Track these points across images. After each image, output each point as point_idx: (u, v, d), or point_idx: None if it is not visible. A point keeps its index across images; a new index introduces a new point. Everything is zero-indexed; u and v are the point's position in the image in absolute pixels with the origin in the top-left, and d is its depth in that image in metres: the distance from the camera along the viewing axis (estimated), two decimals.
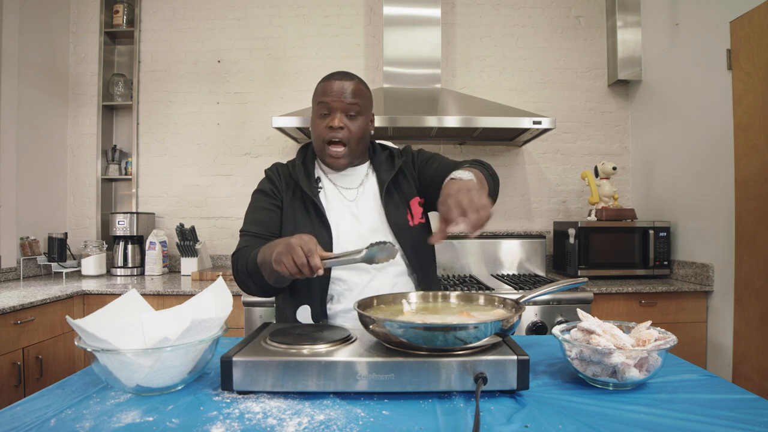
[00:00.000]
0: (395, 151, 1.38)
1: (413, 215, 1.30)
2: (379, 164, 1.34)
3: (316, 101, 1.27)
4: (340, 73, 1.27)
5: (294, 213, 1.29)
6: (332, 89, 1.23)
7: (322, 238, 1.22)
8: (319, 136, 1.25)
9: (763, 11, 1.96)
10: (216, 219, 3.03)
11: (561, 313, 2.16)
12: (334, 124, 1.22)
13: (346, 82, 1.23)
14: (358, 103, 1.23)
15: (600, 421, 0.71)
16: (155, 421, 0.71)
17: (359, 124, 1.25)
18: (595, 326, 0.86)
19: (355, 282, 1.22)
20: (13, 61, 2.56)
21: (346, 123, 1.23)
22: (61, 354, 2.15)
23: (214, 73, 3.04)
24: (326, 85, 1.24)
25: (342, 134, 1.23)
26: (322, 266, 0.98)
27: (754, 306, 2.02)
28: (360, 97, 1.24)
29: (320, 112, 1.25)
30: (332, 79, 1.25)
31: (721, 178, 2.23)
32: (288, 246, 0.99)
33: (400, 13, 2.71)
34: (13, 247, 2.60)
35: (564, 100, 3.05)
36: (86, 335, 0.77)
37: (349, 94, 1.22)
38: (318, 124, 1.26)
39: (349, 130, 1.23)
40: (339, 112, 1.22)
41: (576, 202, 3.05)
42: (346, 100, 1.22)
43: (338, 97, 1.22)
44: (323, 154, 1.27)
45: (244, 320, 2.15)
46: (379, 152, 1.38)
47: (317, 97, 1.26)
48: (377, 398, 0.79)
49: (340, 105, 1.22)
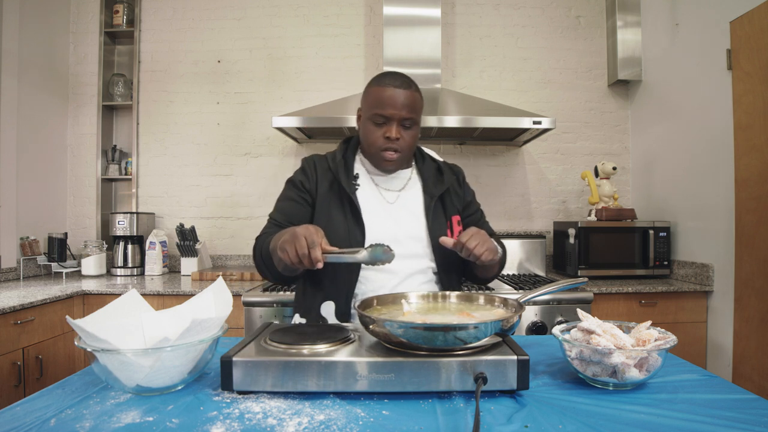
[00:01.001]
0: (443, 166, 1.39)
1: (452, 232, 1.32)
2: (427, 175, 1.35)
3: (371, 108, 1.24)
4: (398, 79, 1.24)
5: (329, 206, 1.29)
6: (391, 100, 1.21)
7: (354, 236, 1.23)
8: (374, 143, 1.26)
9: (763, 11, 1.96)
10: (216, 219, 3.03)
11: (561, 313, 2.16)
12: (391, 135, 1.22)
13: (404, 91, 1.22)
14: (414, 117, 1.24)
15: (600, 421, 0.71)
16: (155, 421, 0.71)
17: (413, 134, 1.27)
18: (595, 326, 0.86)
19: (382, 284, 1.23)
20: (13, 61, 2.56)
21: (402, 134, 1.24)
22: (61, 354, 2.15)
23: (214, 73, 3.04)
24: (383, 94, 1.22)
25: (397, 144, 1.24)
26: (322, 260, 0.99)
27: (754, 306, 2.02)
28: (416, 110, 1.25)
29: (376, 120, 1.24)
30: (391, 87, 1.22)
31: (721, 178, 2.23)
32: (293, 235, 1.00)
33: (400, 13, 2.71)
34: (13, 247, 2.60)
35: (564, 100, 3.05)
36: (86, 335, 0.77)
37: (408, 106, 1.22)
38: (373, 131, 1.25)
39: (405, 140, 1.25)
40: (396, 123, 1.23)
41: (576, 202, 3.05)
42: (404, 113, 1.22)
43: (397, 110, 1.21)
44: (378, 159, 1.28)
45: (244, 320, 2.15)
46: (428, 163, 1.39)
47: (373, 103, 1.24)
48: (377, 398, 0.79)
49: (398, 116, 1.22)
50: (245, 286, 2.39)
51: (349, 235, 1.23)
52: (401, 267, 1.23)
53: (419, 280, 1.26)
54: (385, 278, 1.24)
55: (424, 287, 1.27)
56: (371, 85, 1.27)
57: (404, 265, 1.24)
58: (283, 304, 2.14)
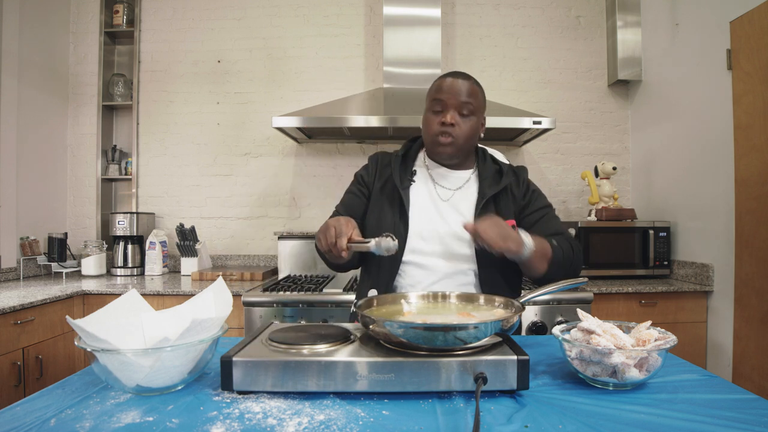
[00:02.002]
0: (505, 168, 1.35)
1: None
2: (484, 176, 1.33)
3: (430, 98, 1.29)
4: (457, 72, 1.28)
5: (381, 202, 1.32)
6: (448, 87, 1.24)
7: (399, 231, 1.25)
8: (430, 130, 1.27)
9: (763, 11, 1.96)
10: (216, 219, 3.03)
11: (561, 313, 2.16)
12: (446, 119, 1.23)
13: (461, 80, 1.25)
14: (471, 102, 1.24)
15: (600, 421, 0.71)
16: (155, 421, 0.71)
17: (470, 123, 1.26)
18: (595, 326, 0.86)
19: (419, 280, 1.24)
20: (13, 61, 2.56)
21: (458, 120, 1.24)
22: (61, 354, 2.15)
23: (214, 73, 3.04)
24: (442, 82, 1.26)
25: (453, 130, 1.24)
26: (346, 249, 1.03)
27: (754, 306, 2.02)
28: (474, 97, 1.25)
29: (434, 108, 1.26)
30: (450, 77, 1.26)
31: (721, 178, 2.23)
32: (326, 225, 1.08)
33: (400, 13, 2.70)
34: (13, 247, 2.60)
35: (564, 100, 3.05)
36: (86, 335, 0.77)
37: (465, 93, 1.23)
38: (430, 119, 1.27)
39: (460, 128, 1.24)
40: (452, 109, 1.24)
41: (576, 202, 3.05)
42: (460, 98, 1.23)
43: (453, 95, 1.23)
44: (433, 146, 1.28)
45: (244, 320, 2.15)
46: (489, 164, 1.37)
47: (431, 93, 1.28)
48: (377, 398, 0.79)
49: (454, 102, 1.23)
50: (245, 286, 2.39)
51: (394, 230, 1.24)
52: (442, 266, 1.24)
53: (458, 281, 1.25)
54: (423, 274, 1.24)
55: (463, 289, 1.24)
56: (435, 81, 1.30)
57: (445, 263, 1.24)
58: (283, 304, 2.14)
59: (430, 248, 1.25)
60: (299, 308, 2.14)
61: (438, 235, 1.25)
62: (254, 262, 3.02)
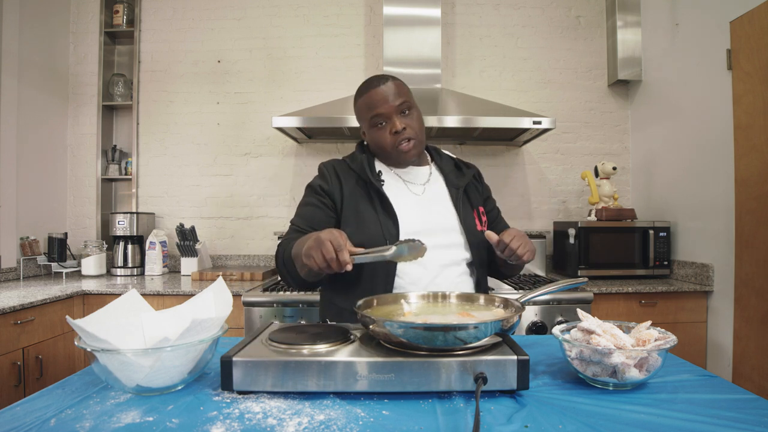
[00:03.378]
0: (459, 162, 1.42)
1: (481, 223, 1.34)
2: (447, 170, 1.38)
3: (367, 116, 1.28)
4: (374, 80, 1.28)
5: (356, 205, 1.29)
6: (377, 99, 1.25)
7: (388, 229, 1.23)
8: (386, 144, 1.28)
9: (763, 11, 1.96)
10: (216, 219, 3.03)
11: (561, 313, 2.16)
12: (396, 128, 1.24)
13: (383, 86, 1.25)
14: (405, 100, 1.26)
15: (600, 421, 0.71)
16: (155, 421, 0.71)
17: (415, 116, 1.29)
18: (595, 326, 0.86)
19: (419, 277, 1.23)
20: (13, 61, 2.56)
21: (406, 122, 1.26)
22: (61, 354, 2.15)
23: (214, 73, 3.04)
24: (369, 98, 1.26)
25: (407, 133, 1.25)
26: (351, 261, 0.98)
27: (754, 306, 2.02)
28: (403, 93, 1.27)
29: (376, 124, 1.27)
30: (371, 89, 1.26)
31: (721, 178, 2.23)
32: (318, 240, 0.99)
33: (400, 13, 2.71)
34: (13, 247, 2.60)
35: (564, 100, 3.05)
36: (86, 335, 0.77)
37: (394, 94, 1.25)
38: (380, 135, 1.27)
39: (411, 126, 1.26)
40: (395, 115, 1.25)
41: (576, 202, 3.05)
42: (395, 102, 1.24)
43: (386, 103, 1.24)
44: (396, 156, 1.29)
45: (244, 320, 2.15)
46: (446, 159, 1.42)
47: (365, 112, 1.28)
48: (377, 398, 0.79)
49: (391, 109, 1.24)
50: (245, 286, 2.39)
51: (382, 229, 1.23)
52: (437, 258, 1.23)
53: (455, 272, 1.26)
54: (421, 271, 1.24)
55: (460, 280, 1.27)
56: (356, 101, 1.31)
57: (440, 255, 1.24)
58: (284, 304, 2.14)
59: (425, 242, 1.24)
60: (299, 308, 2.14)
61: (428, 227, 1.26)
62: (254, 262, 3.02)
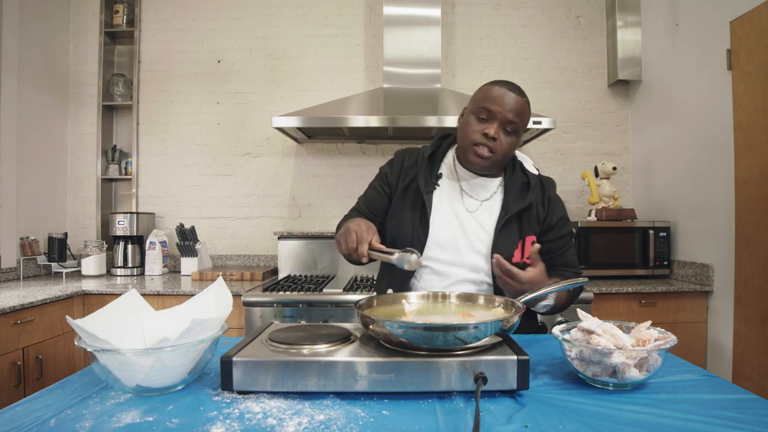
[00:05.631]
0: (533, 180, 1.30)
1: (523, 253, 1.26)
2: (511, 189, 1.29)
3: (477, 103, 1.22)
4: (512, 84, 1.22)
5: (403, 205, 1.30)
6: (500, 97, 1.19)
7: (418, 237, 1.24)
8: (470, 136, 1.22)
9: (763, 11, 1.96)
10: (216, 219, 3.03)
11: (561, 313, 2.16)
12: (490, 132, 1.19)
13: (515, 95, 1.19)
14: (518, 122, 1.20)
15: (600, 421, 0.71)
16: (155, 421, 0.71)
17: (511, 141, 1.22)
18: (595, 326, 0.86)
19: (432, 284, 1.25)
20: (13, 61, 2.56)
21: (501, 137, 1.20)
22: (61, 354, 2.15)
23: (214, 73, 3.04)
24: (495, 91, 1.20)
25: (493, 145, 1.20)
26: (367, 256, 1.04)
27: (754, 306, 2.02)
28: (521, 117, 1.21)
29: (479, 114, 1.21)
30: (503, 87, 1.20)
31: (721, 178, 2.23)
32: (347, 229, 1.09)
33: (400, 13, 2.70)
34: (13, 247, 2.60)
35: (564, 100, 3.05)
36: (86, 335, 0.77)
37: (515, 110, 1.19)
38: (473, 125, 1.22)
39: (501, 144, 1.20)
40: (498, 122, 1.19)
41: (576, 202, 3.05)
42: (509, 115, 1.18)
43: (503, 108, 1.18)
44: (467, 152, 1.24)
45: (244, 320, 2.15)
46: (518, 174, 1.32)
47: (481, 98, 1.22)
48: (377, 398, 0.79)
49: (502, 117, 1.18)
50: (245, 286, 2.39)
51: (413, 235, 1.24)
52: (457, 272, 1.24)
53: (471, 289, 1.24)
54: (437, 279, 1.25)
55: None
56: (484, 85, 1.25)
57: (459, 272, 1.24)
58: (284, 304, 2.14)
59: (447, 257, 1.25)
60: (299, 308, 2.14)
61: (456, 246, 1.25)
62: (254, 262, 3.02)
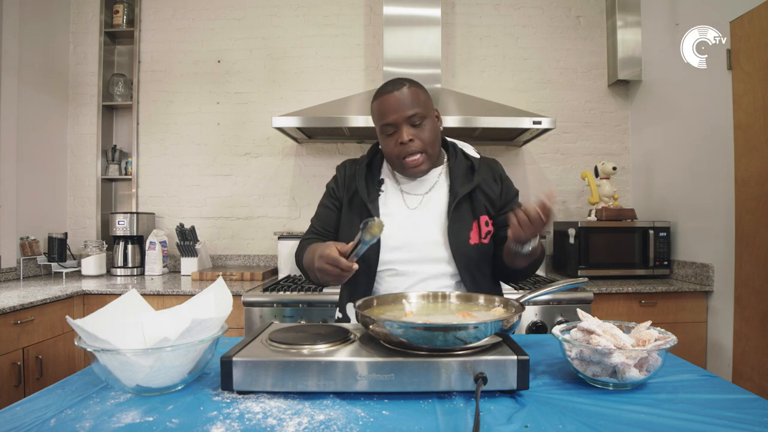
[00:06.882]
0: (477, 162, 1.30)
1: (481, 234, 1.25)
2: (456, 174, 1.29)
3: (377, 122, 1.24)
4: (389, 85, 1.21)
5: (351, 214, 1.30)
6: (389, 104, 1.19)
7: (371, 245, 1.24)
8: (391, 153, 1.23)
9: (763, 11, 1.96)
10: (216, 219, 3.03)
11: (561, 313, 2.16)
12: (403, 139, 1.18)
13: (397, 92, 1.18)
14: (418, 109, 1.19)
15: (600, 421, 0.71)
16: (155, 421, 0.71)
17: (428, 128, 1.21)
18: (595, 326, 0.86)
19: (396, 286, 1.24)
20: (13, 61, 2.56)
21: (414, 133, 1.19)
22: (61, 354, 2.15)
23: (214, 73, 3.04)
24: (382, 103, 1.20)
25: (415, 145, 1.19)
26: (352, 261, 1.01)
27: (754, 306, 2.02)
28: (418, 102, 1.19)
29: (385, 132, 1.22)
30: (384, 94, 1.20)
31: (721, 178, 2.23)
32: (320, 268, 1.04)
33: (400, 13, 2.70)
34: (13, 247, 2.60)
35: (564, 100, 3.05)
36: (86, 335, 0.77)
37: (408, 103, 1.18)
38: (387, 143, 1.23)
39: (420, 139, 1.20)
40: (402, 125, 1.19)
41: (576, 202, 3.05)
42: (407, 112, 1.17)
43: (397, 111, 1.18)
44: (402, 169, 1.25)
45: (244, 320, 2.15)
46: (461, 160, 1.32)
47: (377, 117, 1.23)
48: (377, 398, 0.79)
49: (401, 118, 1.18)
50: (245, 286, 2.39)
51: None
52: (417, 270, 1.23)
53: (438, 284, 1.24)
54: (399, 281, 1.24)
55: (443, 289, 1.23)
56: (371, 104, 1.25)
57: (421, 268, 1.23)
58: (284, 304, 2.14)
59: (405, 256, 1.24)
60: (299, 308, 2.14)
61: (411, 242, 1.24)
62: (254, 262, 3.02)
